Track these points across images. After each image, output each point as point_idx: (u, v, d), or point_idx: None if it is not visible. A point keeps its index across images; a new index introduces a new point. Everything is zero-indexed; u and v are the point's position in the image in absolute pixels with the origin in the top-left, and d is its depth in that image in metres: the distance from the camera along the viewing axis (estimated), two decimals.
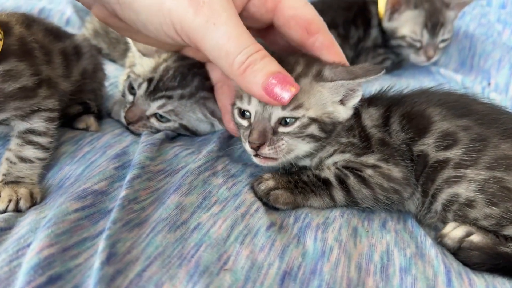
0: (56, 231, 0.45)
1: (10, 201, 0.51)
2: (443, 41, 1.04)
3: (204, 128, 0.72)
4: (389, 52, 1.06)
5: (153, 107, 0.68)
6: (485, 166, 0.56)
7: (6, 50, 0.50)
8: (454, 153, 0.57)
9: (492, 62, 1.00)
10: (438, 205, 0.57)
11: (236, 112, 0.58)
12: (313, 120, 0.55)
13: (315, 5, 1.01)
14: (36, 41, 0.55)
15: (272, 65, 0.49)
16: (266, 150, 0.55)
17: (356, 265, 0.48)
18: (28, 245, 0.44)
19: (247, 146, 0.56)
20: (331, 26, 0.97)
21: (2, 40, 0.50)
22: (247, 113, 0.57)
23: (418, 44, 1.02)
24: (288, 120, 0.55)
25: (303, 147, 0.57)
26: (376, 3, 1.05)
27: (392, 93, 0.67)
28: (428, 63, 1.04)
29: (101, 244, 0.44)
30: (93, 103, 0.71)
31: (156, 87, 0.68)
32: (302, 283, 0.45)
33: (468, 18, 1.18)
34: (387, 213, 0.60)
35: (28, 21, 0.59)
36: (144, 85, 0.68)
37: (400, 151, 0.60)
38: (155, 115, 0.69)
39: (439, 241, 0.56)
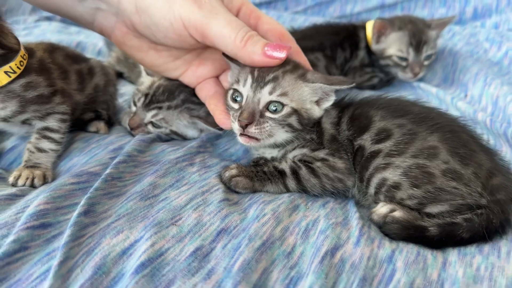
0: (53, 195, 0.60)
1: (27, 178, 0.68)
2: (427, 58, 1.13)
3: (192, 133, 0.86)
4: (377, 71, 1.16)
5: (148, 116, 0.83)
6: (411, 155, 0.66)
7: (28, 67, 0.68)
8: (385, 145, 0.67)
9: (470, 76, 1.08)
10: (371, 189, 0.67)
11: (229, 95, 0.70)
12: (294, 111, 0.68)
13: (305, 31, 1.15)
14: (54, 63, 0.73)
15: (263, 39, 0.65)
16: (252, 129, 0.66)
17: (283, 227, 0.59)
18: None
19: (235, 125, 0.68)
20: (319, 48, 1.11)
21: (26, 60, 0.68)
22: (239, 98, 0.69)
23: (404, 63, 1.13)
24: (275, 108, 0.67)
25: (282, 134, 0.69)
26: (364, 28, 1.17)
27: (349, 98, 0.78)
28: (414, 79, 1.14)
29: (82, 202, 0.58)
30: (104, 112, 0.87)
31: (150, 100, 0.83)
32: (232, 236, 0.56)
33: (457, 38, 1.27)
34: (333, 198, 0.71)
35: (52, 48, 0.77)
36: (142, 99, 0.84)
37: (344, 146, 0.71)
38: (151, 122, 0.84)
39: (370, 217, 0.66)
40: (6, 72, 0.64)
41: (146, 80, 0.89)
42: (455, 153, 0.65)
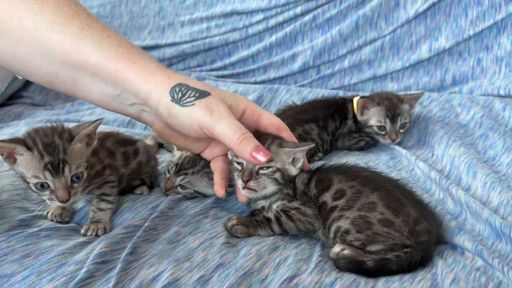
0: (110, 241, 0.90)
1: (93, 230, 0.98)
2: (402, 126, 1.39)
3: (211, 192, 1.14)
4: (363, 136, 1.44)
5: (178, 180, 1.13)
6: (357, 208, 0.91)
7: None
8: (340, 202, 0.93)
9: (437, 138, 1.32)
10: (331, 234, 0.92)
11: (235, 164, 0.97)
12: (278, 169, 0.95)
13: (302, 106, 1.45)
14: (103, 147, 1.05)
15: (255, 141, 0.89)
16: (251, 183, 0.93)
17: (262, 262, 0.85)
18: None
19: (239, 182, 0.95)
20: (313, 120, 1.40)
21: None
22: (240, 164, 0.96)
23: (383, 132, 1.40)
24: (265, 168, 0.94)
25: (271, 187, 0.96)
26: (352, 101, 1.46)
27: (318, 165, 1.06)
28: (393, 144, 1.40)
29: (128, 245, 0.88)
30: (147, 179, 1.19)
31: (180, 168, 1.14)
32: (225, 268, 0.83)
33: (434, 104, 1.52)
34: (307, 239, 0.97)
35: (105, 136, 1.09)
36: (174, 168, 1.15)
37: (312, 199, 0.98)
38: (180, 185, 1.14)
39: (328, 255, 0.91)
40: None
41: (177, 154, 1.20)
42: (389, 207, 0.90)
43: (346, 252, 0.88)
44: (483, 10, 1.60)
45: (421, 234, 0.89)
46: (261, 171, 0.95)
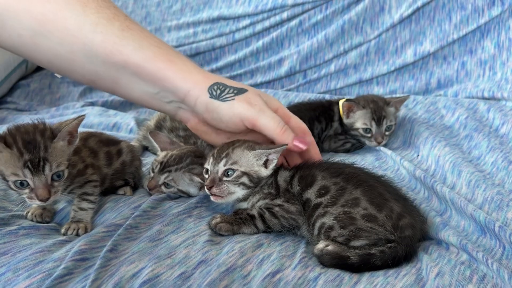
0: (90, 239, 0.88)
1: (74, 230, 0.96)
2: (387, 129, 1.40)
3: (194, 191, 1.13)
4: (349, 138, 1.44)
5: (162, 178, 1.12)
6: (340, 204, 0.90)
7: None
8: (324, 199, 0.92)
9: (422, 139, 1.32)
10: (315, 231, 0.92)
11: (204, 170, 0.99)
12: (244, 173, 0.95)
13: (289, 108, 1.44)
14: (86, 146, 1.04)
15: (293, 133, 0.96)
16: (214, 190, 0.94)
17: (246, 259, 0.84)
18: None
19: (206, 188, 0.96)
20: None
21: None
22: (208, 171, 0.97)
23: (369, 134, 1.40)
24: (229, 173, 0.95)
25: (239, 191, 0.96)
26: (338, 103, 1.46)
27: (302, 163, 1.05)
28: (378, 146, 1.40)
29: (108, 243, 0.87)
30: (131, 179, 1.17)
31: (164, 166, 1.13)
32: (208, 265, 0.82)
33: (419, 106, 1.53)
34: (291, 237, 0.96)
35: (88, 136, 1.08)
36: (158, 166, 1.14)
37: (295, 196, 0.97)
38: (164, 183, 1.13)
39: (312, 252, 0.90)
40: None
41: (161, 153, 1.19)
42: (372, 202, 0.89)
43: (330, 248, 0.87)
44: (467, 15, 1.62)
45: (405, 229, 0.88)
46: (225, 178, 0.95)
